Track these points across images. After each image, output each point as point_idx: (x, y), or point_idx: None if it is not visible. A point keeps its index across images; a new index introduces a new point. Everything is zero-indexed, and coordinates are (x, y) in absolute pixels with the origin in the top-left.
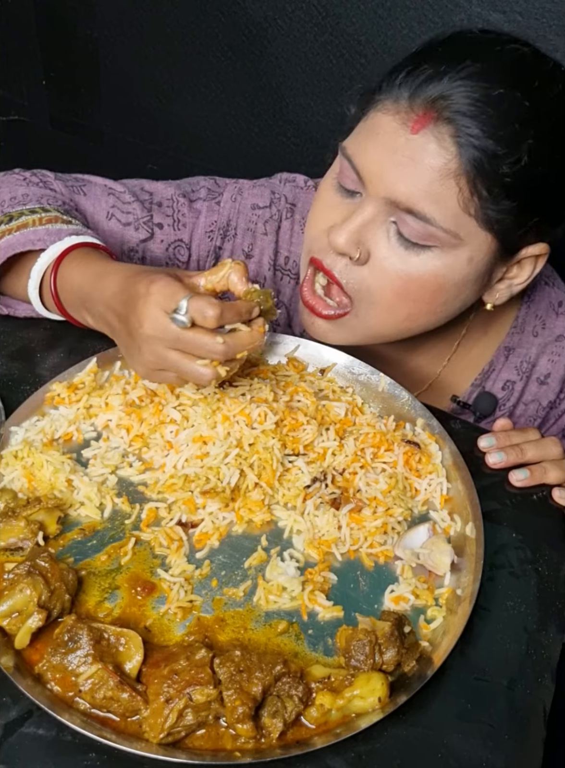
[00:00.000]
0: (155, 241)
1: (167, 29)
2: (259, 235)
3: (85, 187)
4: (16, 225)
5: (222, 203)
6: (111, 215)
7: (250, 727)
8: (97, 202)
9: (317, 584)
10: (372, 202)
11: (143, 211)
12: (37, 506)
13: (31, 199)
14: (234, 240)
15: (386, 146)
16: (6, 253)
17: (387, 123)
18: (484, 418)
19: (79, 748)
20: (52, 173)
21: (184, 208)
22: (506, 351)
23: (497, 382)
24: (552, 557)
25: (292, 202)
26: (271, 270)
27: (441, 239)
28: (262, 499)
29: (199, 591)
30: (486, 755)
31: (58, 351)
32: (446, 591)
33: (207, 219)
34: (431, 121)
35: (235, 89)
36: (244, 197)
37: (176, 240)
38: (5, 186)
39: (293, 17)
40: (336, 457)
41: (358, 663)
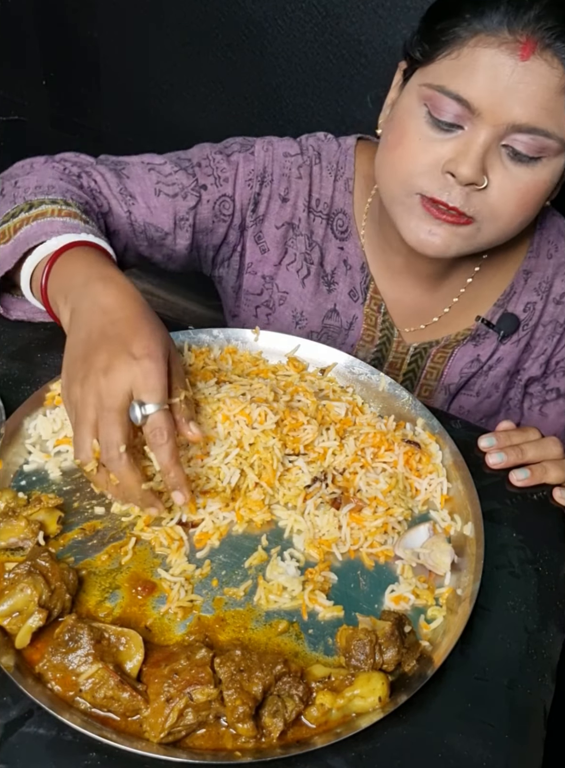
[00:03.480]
0: (203, 203)
1: (167, 29)
2: (294, 179)
3: (125, 170)
4: (35, 213)
5: (255, 153)
6: (158, 191)
7: (250, 726)
8: (142, 181)
9: (317, 584)
10: (487, 131)
11: (188, 179)
12: (38, 506)
13: (55, 191)
14: (271, 185)
15: (498, 77)
16: (22, 248)
17: (494, 56)
18: (507, 338)
19: (80, 747)
20: (93, 158)
21: (223, 163)
22: (524, 274)
23: (518, 305)
24: (552, 557)
25: (318, 150)
26: (306, 211)
27: (553, 149)
28: (262, 498)
29: (200, 591)
30: (486, 755)
31: (58, 351)
32: (446, 591)
33: (245, 168)
34: (536, 47)
35: (235, 89)
36: (275, 147)
37: (221, 196)
38: (36, 174)
39: (293, 17)
40: (336, 457)
41: (358, 663)
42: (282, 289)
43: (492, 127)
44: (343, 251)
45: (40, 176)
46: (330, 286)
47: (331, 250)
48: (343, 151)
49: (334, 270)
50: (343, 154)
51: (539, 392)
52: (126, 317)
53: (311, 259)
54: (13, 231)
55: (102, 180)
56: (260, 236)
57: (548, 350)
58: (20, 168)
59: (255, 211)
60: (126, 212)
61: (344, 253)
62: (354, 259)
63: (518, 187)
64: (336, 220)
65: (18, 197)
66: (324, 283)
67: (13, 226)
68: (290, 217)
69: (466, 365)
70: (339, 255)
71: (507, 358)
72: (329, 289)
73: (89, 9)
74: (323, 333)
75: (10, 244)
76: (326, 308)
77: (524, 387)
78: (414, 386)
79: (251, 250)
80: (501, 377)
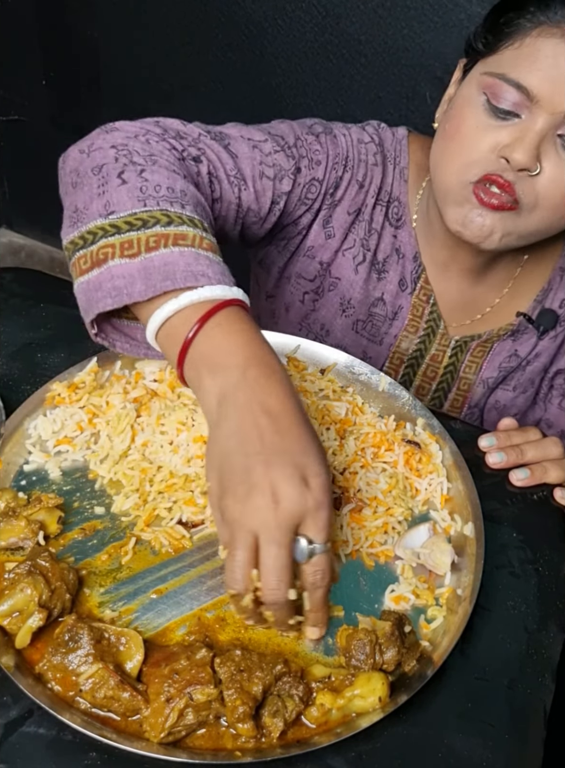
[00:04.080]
0: (295, 187)
1: (167, 29)
2: (370, 165)
3: (232, 146)
4: (173, 234)
5: (337, 137)
6: (262, 174)
7: (250, 726)
8: (249, 162)
9: None
10: (545, 118)
11: (288, 162)
12: (38, 506)
13: (188, 202)
14: (352, 170)
15: (559, 66)
16: (162, 285)
17: (555, 45)
18: (546, 333)
19: (80, 747)
20: (192, 128)
21: (316, 145)
22: (561, 271)
23: (555, 301)
24: (552, 557)
25: (381, 138)
26: (374, 198)
27: None
28: None
29: (200, 590)
30: (486, 755)
31: (58, 351)
32: (446, 591)
33: (332, 151)
34: None
35: (235, 89)
36: (351, 133)
37: (311, 179)
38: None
39: (293, 17)
40: (336, 457)
41: (358, 662)
42: (334, 275)
43: (550, 116)
44: (396, 239)
45: (168, 172)
46: (380, 275)
47: (385, 238)
48: (397, 140)
49: (386, 258)
50: (398, 143)
51: (561, 385)
52: (290, 428)
53: (367, 246)
54: (146, 249)
55: (217, 162)
56: (329, 221)
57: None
58: (133, 139)
59: (333, 195)
60: (236, 197)
61: (397, 241)
62: (407, 247)
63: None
64: (392, 208)
65: (149, 197)
66: (375, 271)
67: (146, 240)
68: (361, 203)
69: (505, 360)
70: (392, 243)
71: (544, 354)
72: (379, 278)
73: (89, 9)
74: (368, 322)
75: (140, 266)
76: (374, 296)
77: (551, 380)
78: (454, 380)
79: (316, 234)
80: (538, 373)
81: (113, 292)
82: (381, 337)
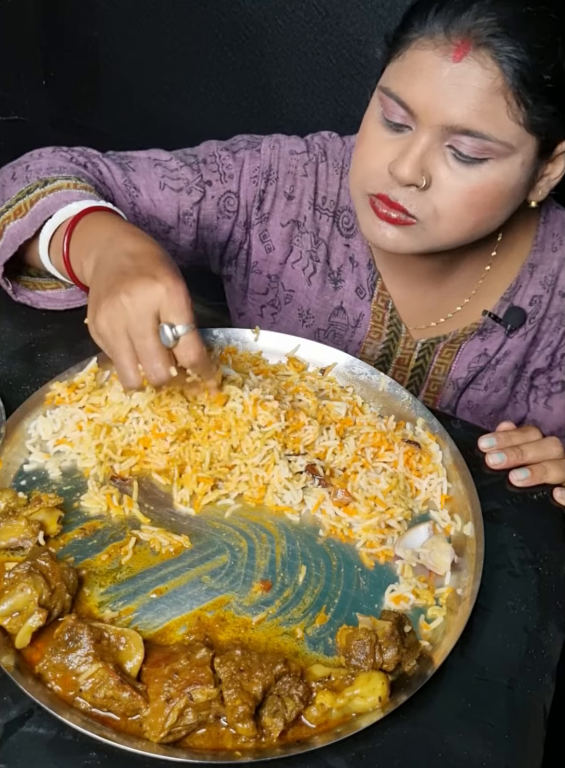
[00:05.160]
0: (207, 199)
1: (167, 29)
2: (299, 177)
3: (131, 163)
4: (50, 188)
5: (262, 150)
6: (163, 185)
7: (250, 726)
8: (147, 175)
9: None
10: (426, 132)
11: (193, 174)
12: (38, 506)
13: (66, 171)
14: (276, 183)
15: (432, 79)
16: (42, 217)
17: (427, 57)
18: (514, 332)
19: (80, 747)
20: (99, 152)
21: (229, 160)
22: (530, 268)
23: (524, 298)
24: (552, 557)
25: (323, 149)
26: (311, 209)
27: (496, 151)
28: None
29: (200, 588)
30: (486, 755)
31: (58, 351)
32: (446, 591)
33: (250, 165)
34: (470, 48)
35: (235, 89)
36: (282, 145)
37: (226, 192)
38: (46, 159)
39: (293, 17)
40: (336, 457)
41: (358, 662)
42: (288, 288)
43: (430, 129)
44: (349, 248)
45: (50, 161)
46: (337, 284)
47: (337, 248)
48: (347, 149)
49: (340, 267)
50: (347, 151)
51: (545, 385)
52: (149, 257)
53: (317, 257)
54: (29, 205)
55: (107, 171)
56: (265, 234)
57: (554, 343)
58: (29, 156)
59: (260, 209)
60: (130, 203)
61: (350, 250)
62: (361, 256)
63: (463, 188)
64: (342, 218)
65: (31, 177)
66: (331, 280)
67: (29, 200)
68: (295, 214)
69: (473, 359)
70: (345, 252)
71: (514, 352)
72: (336, 287)
73: (89, 9)
74: (329, 331)
75: (28, 217)
76: (333, 306)
77: (530, 380)
78: (422, 382)
79: (256, 249)
80: (509, 371)
81: (10, 243)
82: (345, 344)
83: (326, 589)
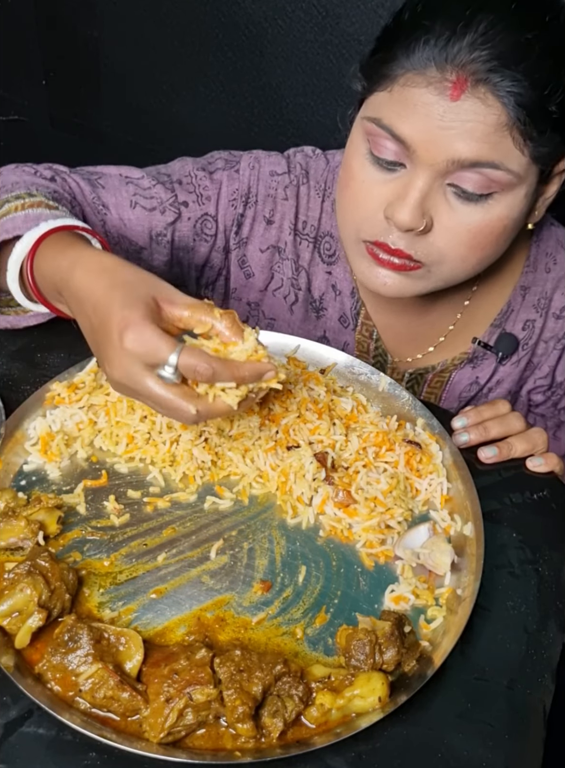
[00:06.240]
0: (182, 220)
1: (167, 29)
2: (279, 200)
3: (101, 180)
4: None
5: (241, 171)
6: (134, 203)
7: (250, 726)
8: (117, 192)
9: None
10: (425, 170)
11: (167, 193)
12: (38, 506)
13: (19, 187)
14: (255, 206)
15: (430, 116)
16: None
17: (421, 95)
18: (506, 359)
19: (80, 747)
20: (67, 168)
21: (206, 181)
22: (522, 290)
23: (517, 323)
24: (552, 557)
25: (306, 169)
26: (292, 234)
27: (503, 183)
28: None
29: (201, 588)
30: (486, 755)
31: (58, 351)
32: (446, 591)
33: (229, 188)
34: (467, 85)
35: (235, 89)
36: (262, 165)
37: (203, 215)
38: (3, 176)
39: (293, 17)
40: (342, 453)
41: (358, 663)
42: (269, 316)
43: (430, 167)
44: (331, 276)
45: (6, 177)
46: (319, 312)
47: (318, 275)
48: (331, 169)
49: (322, 296)
50: (331, 172)
51: (553, 414)
52: (96, 302)
53: (298, 285)
54: None
55: (76, 186)
56: (244, 260)
57: (552, 367)
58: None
59: (238, 233)
60: (100, 221)
61: (332, 277)
62: (343, 284)
63: (467, 228)
64: (323, 244)
65: None
66: (313, 309)
67: None
68: (275, 240)
69: (465, 389)
70: (327, 280)
71: (507, 379)
72: (318, 316)
73: (89, 9)
74: None
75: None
76: (316, 335)
77: (528, 406)
78: None
79: (235, 275)
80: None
81: None
82: None
83: (325, 589)
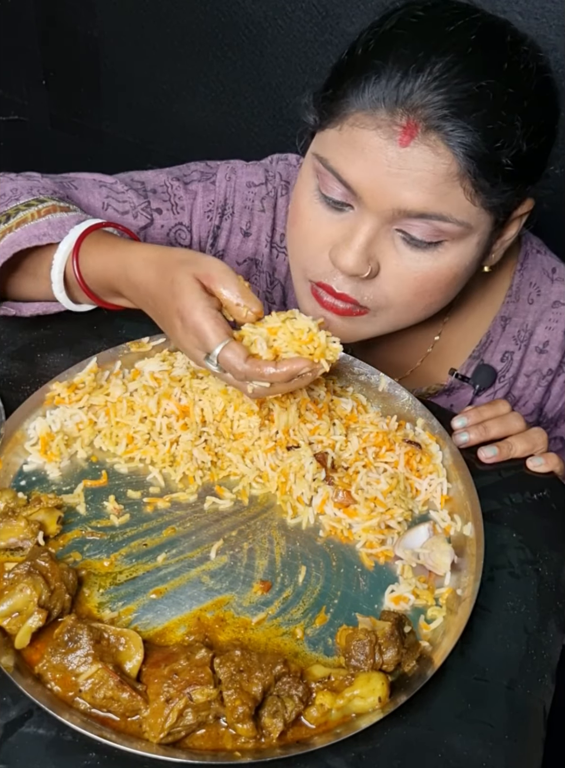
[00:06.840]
0: (155, 226)
1: (167, 29)
2: (256, 212)
3: (74, 182)
4: (15, 222)
5: (217, 182)
6: (107, 205)
7: (250, 726)
8: (90, 194)
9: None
10: (373, 216)
11: (140, 198)
12: (38, 506)
13: (21, 193)
14: (232, 218)
15: (378, 162)
16: (11, 250)
17: (370, 138)
18: (483, 391)
19: (80, 747)
20: (39, 174)
21: (180, 191)
22: (502, 321)
23: (495, 354)
24: (552, 557)
25: (286, 179)
26: (268, 247)
27: (452, 233)
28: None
29: (200, 589)
30: (486, 755)
31: (58, 351)
32: (446, 591)
33: (204, 199)
34: (417, 132)
35: (235, 89)
36: (239, 176)
37: (177, 224)
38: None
39: (292, 17)
40: (342, 453)
41: (358, 663)
42: None
43: (376, 214)
44: None
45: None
46: None
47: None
48: None
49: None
50: None
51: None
52: (154, 295)
53: (272, 299)
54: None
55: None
56: None
57: (537, 404)
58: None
59: (214, 246)
60: None
61: None
62: None
63: (414, 275)
64: None
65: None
66: None
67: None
68: (252, 252)
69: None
70: None
71: None
72: None
73: (89, 9)
74: None
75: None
76: None
77: None
78: None
79: None
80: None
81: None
82: None
83: (325, 589)
